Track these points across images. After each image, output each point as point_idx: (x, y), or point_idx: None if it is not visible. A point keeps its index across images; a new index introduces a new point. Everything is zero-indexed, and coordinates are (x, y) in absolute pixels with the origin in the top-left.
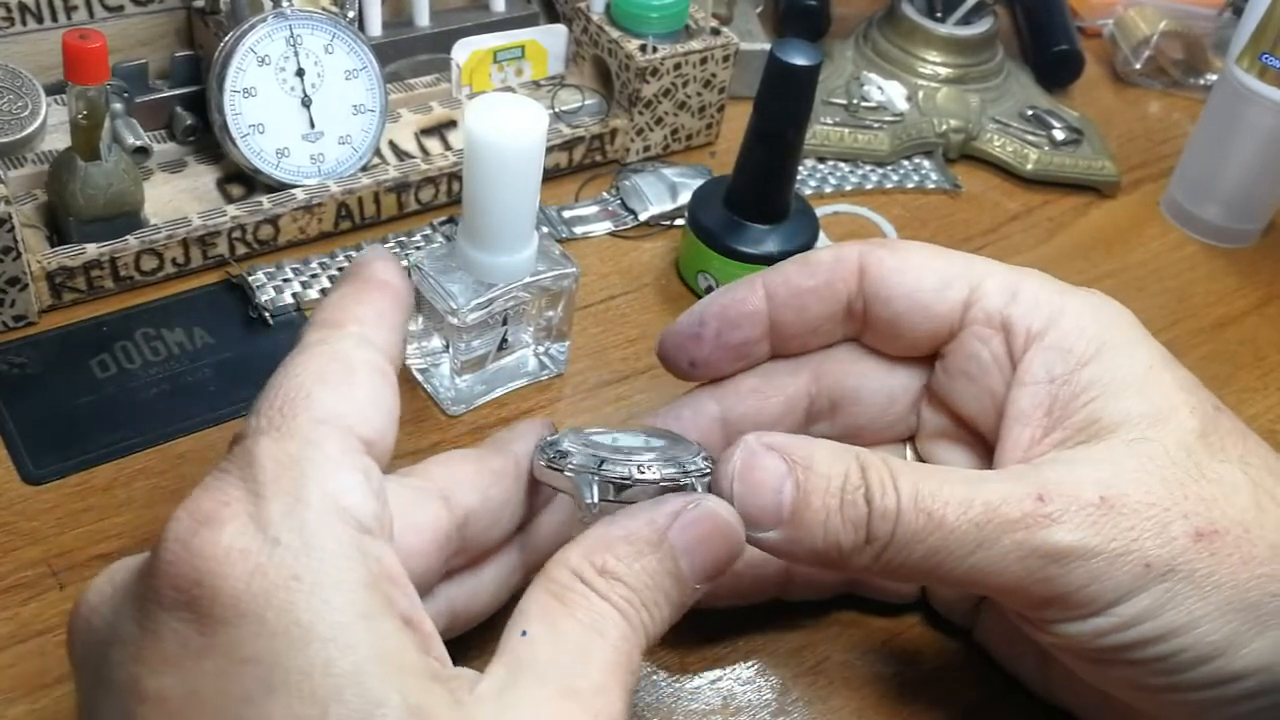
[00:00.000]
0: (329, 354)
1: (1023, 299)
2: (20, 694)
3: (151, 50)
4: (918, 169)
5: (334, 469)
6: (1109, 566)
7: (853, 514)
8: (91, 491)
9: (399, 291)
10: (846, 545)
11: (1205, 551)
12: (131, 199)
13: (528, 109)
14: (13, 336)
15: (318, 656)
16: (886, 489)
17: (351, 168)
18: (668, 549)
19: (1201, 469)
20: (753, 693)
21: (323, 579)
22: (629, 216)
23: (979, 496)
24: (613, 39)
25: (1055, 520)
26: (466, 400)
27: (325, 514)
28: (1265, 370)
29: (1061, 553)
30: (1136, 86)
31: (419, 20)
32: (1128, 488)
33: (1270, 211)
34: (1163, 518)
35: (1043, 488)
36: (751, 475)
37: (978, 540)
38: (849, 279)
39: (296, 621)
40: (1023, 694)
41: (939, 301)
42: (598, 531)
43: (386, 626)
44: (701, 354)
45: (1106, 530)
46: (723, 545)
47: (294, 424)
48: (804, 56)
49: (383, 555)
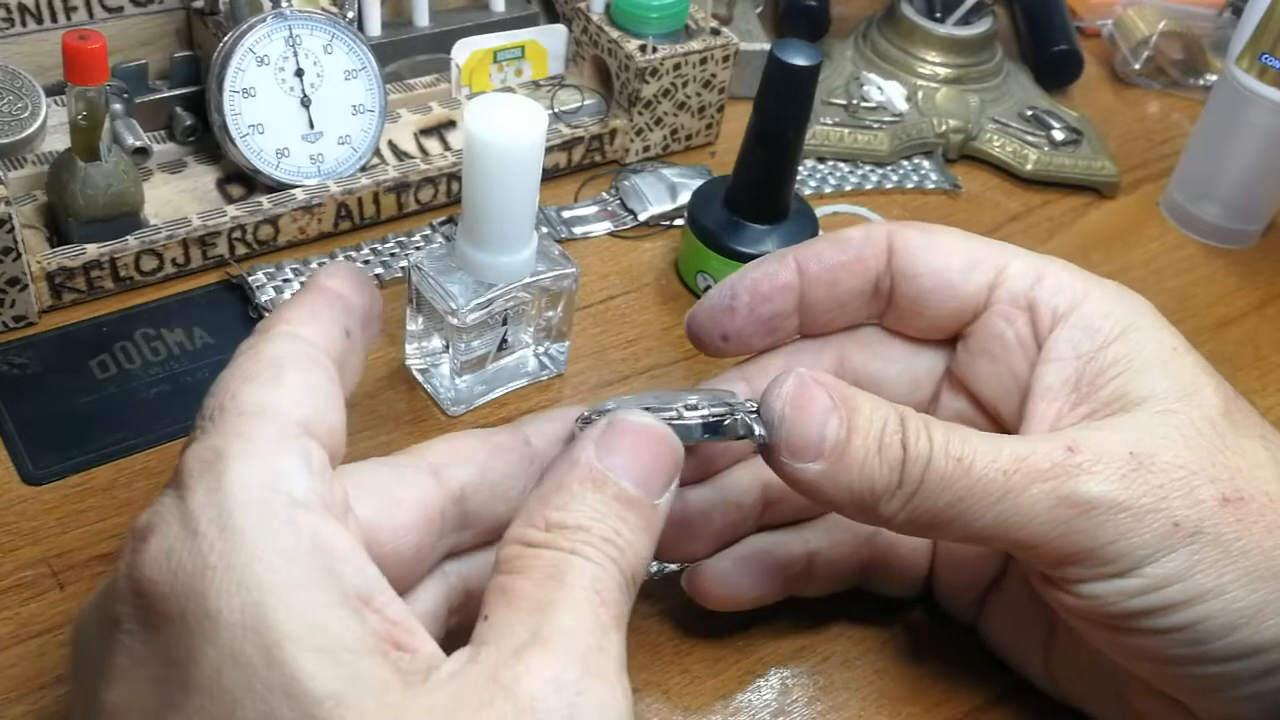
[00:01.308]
0: (254, 355)
1: (1048, 282)
2: (20, 694)
3: (151, 51)
4: (917, 169)
5: (261, 452)
6: (1136, 523)
7: (889, 456)
8: (91, 492)
9: (339, 293)
10: (879, 487)
11: (1232, 517)
12: (131, 199)
13: (527, 109)
14: (13, 336)
15: (226, 647)
16: (920, 436)
17: (351, 168)
18: (602, 476)
19: (1226, 441)
20: (753, 693)
21: (234, 561)
22: (629, 217)
23: (1007, 446)
24: (612, 39)
25: (1085, 470)
26: (466, 400)
27: (244, 495)
28: (1265, 370)
29: (1090, 503)
30: (1136, 87)
31: (418, 20)
32: (1156, 448)
33: (1270, 212)
34: (1190, 480)
35: (1072, 441)
36: (802, 403)
37: (1004, 488)
38: (879, 255)
39: (207, 612)
40: (1025, 696)
41: (965, 282)
42: (532, 496)
43: (315, 601)
44: (734, 326)
45: (1136, 485)
46: (652, 447)
47: (221, 423)
48: (804, 56)
49: (320, 528)
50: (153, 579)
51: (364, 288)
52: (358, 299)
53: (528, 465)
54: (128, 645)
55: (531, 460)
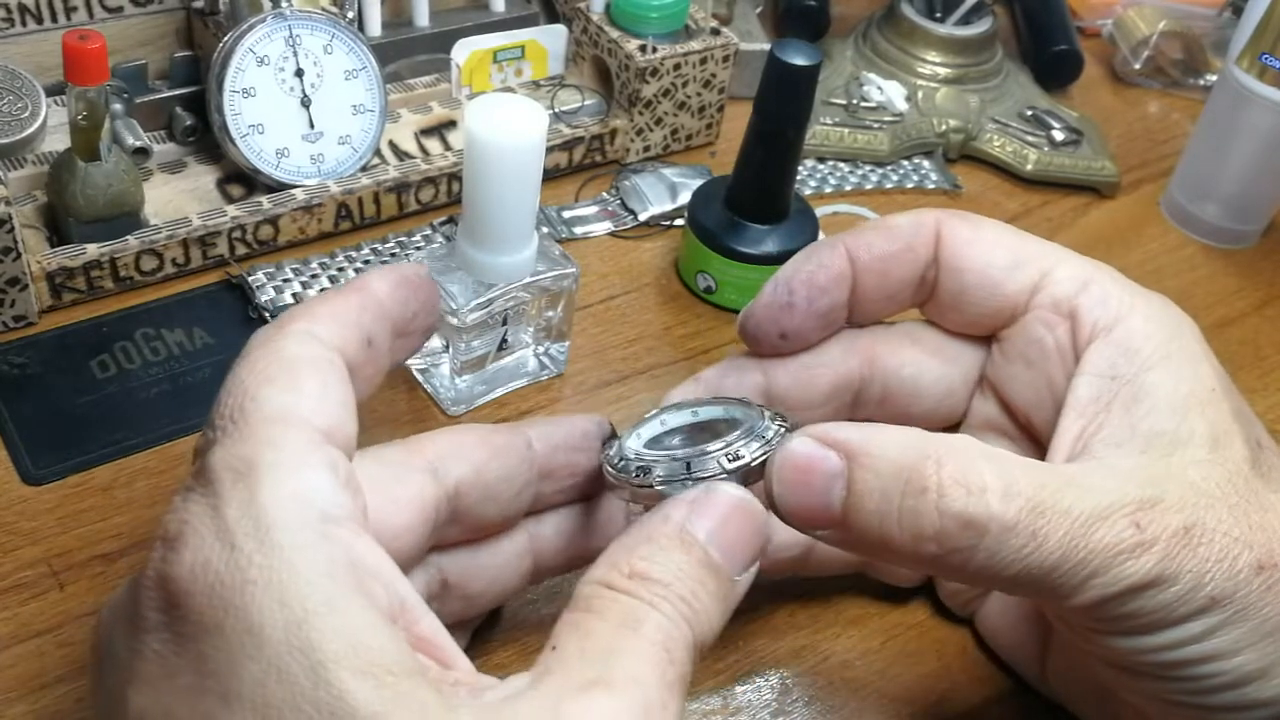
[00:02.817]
0: (270, 354)
1: (1093, 291)
2: (20, 694)
3: (151, 51)
4: (917, 169)
5: (292, 465)
6: (1176, 598)
7: (912, 523)
8: (91, 491)
9: (376, 297)
10: (907, 549)
11: (1263, 585)
12: (131, 199)
13: (528, 109)
14: (13, 336)
15: (270, 663)
16: (970, 495)
17: (351, 168)
18: (691, 539)
19: (1260, 499)
20: (753, 693)
21: (275, 577)
22: (629, 216)
23: (1072, 503)
24: (612, 39)
25: (1145, 549)
26: (466, 400)
27: (280, 511)
28: (1265, 370)
29: (1148, 584)
30: (1136, 86)
31: (419, 20)
32: (1204, 515)
33: (1270, 212)
34: (1232, 549)
35: (1137, 515)
36: (790, 478)
37: (1061, 558)
38: (928, 243)
39: (249, 627)
40: (1025, 696)
41: (1008, 281)
42: (618, 543)
43: (355, 621)
44: (794, 324)
45: (1187, 562)
46: (747, 525)
47: (245, 428)
48: (804, 56)
49: (354, 544)
50: (188, 590)
51: (411, 297)
52: (395, 307)
53: (526, 468)
54: (158, 651)
55: (531, 464)
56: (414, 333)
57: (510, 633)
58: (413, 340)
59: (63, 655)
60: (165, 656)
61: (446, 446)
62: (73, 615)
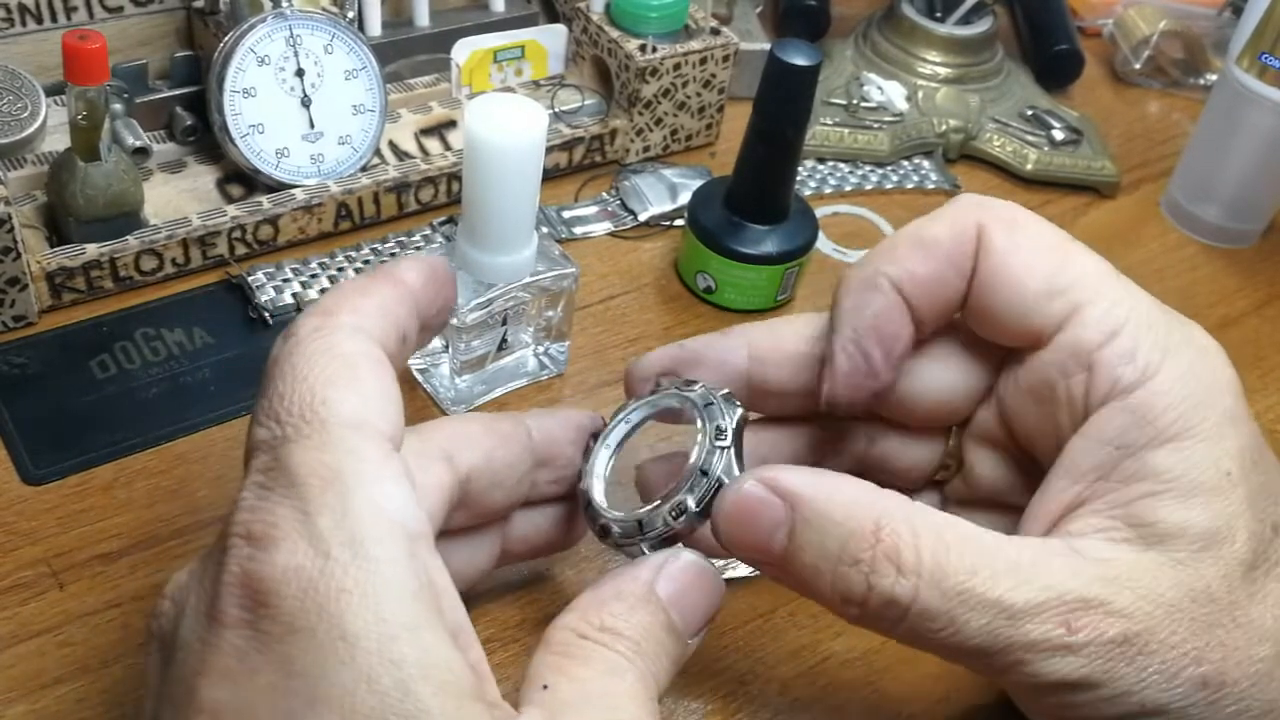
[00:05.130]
0: (325, 350)
1: (1120, 343)
2: (20, 694)
3: (151, 50)
4: (917, 169)
5: (376, 477)
6: (1104, 701)
7: (843, 587)
8: (91, 491)
9: (411, 288)
10: (836, 607)
11: (1204, 700)
12: (131, 199)
13: (528, 109)
14: (13, 336)
15: (362, 671)
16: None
17: (351, 168)
18: (657, 602)
19: (1234, 610)
20: (753, 692)
21: (370, 590)
22: (629, 217)
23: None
24: (612, 39)
25: (1074, 652)
26: (466, 400)
27: (373, 524)
28: (1265, 370)
29: (1075, 684)
30: (1136, 86)
31: (419, 20)
32: (1155, 625)
33: (1270, 212)
34: (1177, 663)
35: (1075, 609)
36: (735, 517)
37: (990, 644)
38: (968, 255)
39: (343, 635)
40: None
41: (1037, 312)
42: (589, 595)
43: (435, 641)
44: (880, 384)
45: (1118, 669)
46: (706, 594)
47: (324, 432)
48: (804, 56)
49: (430, 564)
50: (278, 591)
51: (441, 290)
52: (425, 301)
53: (528, 457)
54: (239, 647)
55: (532, 452)
56: (433, 327)
57: None
58: (425, 336)
59: (63, 655)
60: (246, 653)
61: (455, 434)
62: (73, 615)
